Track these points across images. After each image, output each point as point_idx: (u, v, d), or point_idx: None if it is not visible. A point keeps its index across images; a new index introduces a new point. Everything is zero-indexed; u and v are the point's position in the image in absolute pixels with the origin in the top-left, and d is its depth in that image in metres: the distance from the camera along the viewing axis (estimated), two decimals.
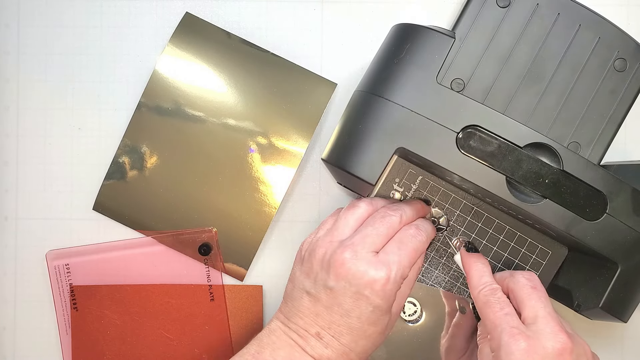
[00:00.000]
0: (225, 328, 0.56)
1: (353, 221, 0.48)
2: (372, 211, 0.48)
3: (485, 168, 0.47)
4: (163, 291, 0.56)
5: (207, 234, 0.56)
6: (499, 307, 0.45)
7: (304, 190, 0.57)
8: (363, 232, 0.46)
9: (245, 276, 0.57)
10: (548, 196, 0.47)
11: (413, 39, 0.49)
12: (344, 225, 0.48)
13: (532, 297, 0.45)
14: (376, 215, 0.48)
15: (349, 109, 0.51)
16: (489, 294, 0.46)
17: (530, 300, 0.45)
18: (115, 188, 0.56)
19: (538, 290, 0.45)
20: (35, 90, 0.57)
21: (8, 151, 0.57)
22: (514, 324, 0.43)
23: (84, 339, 0.56)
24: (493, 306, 0.45)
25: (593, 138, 0.49)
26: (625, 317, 0.48)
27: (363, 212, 0.48)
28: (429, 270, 0.51)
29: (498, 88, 0.49)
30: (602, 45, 0.49)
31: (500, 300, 0.45)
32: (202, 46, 0.56)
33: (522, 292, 0.45)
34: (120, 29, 0.57)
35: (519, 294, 0.45)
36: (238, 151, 0.56)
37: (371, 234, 0.46)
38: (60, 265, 0.56)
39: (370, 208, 0.49)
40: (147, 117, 0.56)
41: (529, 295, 0.45)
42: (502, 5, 0.49)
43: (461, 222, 0.51)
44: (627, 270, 0.47)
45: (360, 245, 0.46)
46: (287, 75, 0.56)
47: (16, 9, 0.57)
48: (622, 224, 0.47)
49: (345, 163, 0.48)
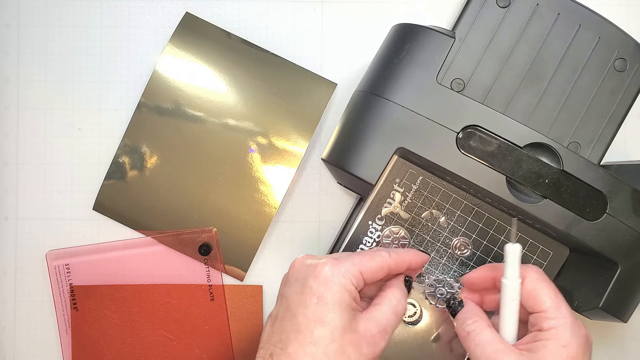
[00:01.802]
0: (225, 328, 0.56)
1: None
2: None
3: (485, 168, 0.47)
4: (163, 291, 0.56)
5: (207, 234, 0.56)
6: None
7: (304, 190, 0.57)
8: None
9: (245, 276, 0.57)
10: (548, 196, 0.47)
11: (413, 39, 0.49)
12: None
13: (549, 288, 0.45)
14: None
15: (349, 109, 0.51)
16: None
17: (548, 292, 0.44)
18: (115, 188, 0.56)
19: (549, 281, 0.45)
20: (35, 90, 0.57)
21: (8, 151, 0.57)
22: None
23: (84, 339, 0.56)
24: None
25: (593, 138, 0.49)
26: (625, 317, 0.48)
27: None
28: (429, 271, 0.51)
29: (498, 88, 0.49)
30: (602, 45, 0.49)
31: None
32: (202, 46, 0.56)
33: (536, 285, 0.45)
34: (120, 29, 0.57)
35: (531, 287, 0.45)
36: (238, 151, 0.56)
37: (341, 254, 0.46)
38: (60, 265, 0.56)
39: None
40: (147, 117, 0.56)
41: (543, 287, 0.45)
42: (502, 5, 0.49)
43: (462, 222, 0.51)
44: (627, 270, 0.47)
45: (323, 257, 0.45)
46: (287, 75, 0.56)
47: (16, 9, 0.57)
48: (622, 224, 0.47)
49: (345, 163, 0.48)
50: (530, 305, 0.44)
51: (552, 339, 0.42)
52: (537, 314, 0.44)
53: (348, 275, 0.43)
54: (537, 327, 0.43)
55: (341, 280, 0.43)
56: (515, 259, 0.44)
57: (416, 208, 0.50)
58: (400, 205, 0.50)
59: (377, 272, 0.44)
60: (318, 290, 0.42)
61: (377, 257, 0.45)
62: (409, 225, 0.51)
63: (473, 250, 0.51)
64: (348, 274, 0.43)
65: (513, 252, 0.44)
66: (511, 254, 0.44)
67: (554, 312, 0.43)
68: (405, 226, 0.51)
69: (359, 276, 0.43)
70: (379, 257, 0.45)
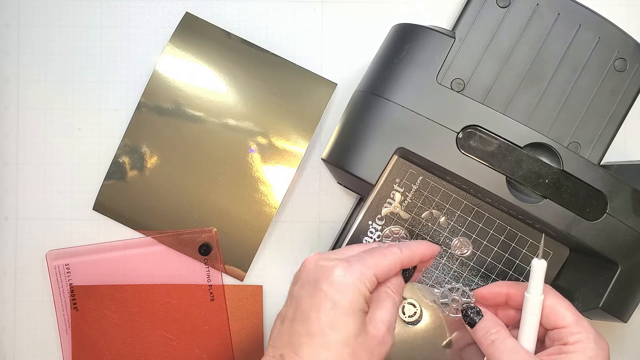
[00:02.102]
0: (225, 328, 0.56)
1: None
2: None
3: (485, 168, 0.47)
4: (163, 291, 0.56)
5: (207, 234, 0.56)
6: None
7: (304, 190, 0.57)
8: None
9: (245, 276, 0.57)
10: (548, 196, 0.47)
11: (413, 39, 0.49)
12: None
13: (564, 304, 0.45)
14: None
15: (349, 109, 0.51)
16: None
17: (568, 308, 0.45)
18: (115, 188, 0.56)
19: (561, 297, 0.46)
20: (35, 90, 0.57)
21: (8, 151, 0.57)
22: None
23: (84, 339, 0.56)
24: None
25: (593, 138, 0.49)
26: (625, 317, 0.48)
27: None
28: (429, 271, 0.51)
29: (498, 88, 0.49)
30: (602, 45, 0.49)
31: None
32: (202, 46, 0.56)
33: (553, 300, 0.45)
34: (120, 29, 0.57)
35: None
36: (238, 151, 0.56)
37: (352, 248, 0.46)
38: (60, 265, 0.56)
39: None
40: (147, 117, 0.56)
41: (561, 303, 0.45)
42: (502, 5, 0.49)
43: (462, 222, 0.51)
44: (627, 270, 0.47)
45: (331, 253, 0.45)
46: (287, 75, 0.56)
47: (16, 9, 0.57)
48: (622, 224, 0.47)
49: (345, 163, 0.48)
50: (553, 320, 0.45)
51: (578, 352, 0.43)
52: (559, 330, 0.45)
53: (362, 279, 0.43)
54: (561, 342, 0.44)
55: (356, 285, 0.42)
56: (540, 275, 0.45)
57: (416, 208, 0.50)
58: (400, 205, 0.50)
59: (390, 271, 0.44)
60: (332, 295, 0.42)
61: (390, 255, 0.44)
62: (409, 225, 0.51)
63: (473, 250, 0.51)
64: (363, 278, 0.43)
65: (539, 268, 0.45)
66: (537, 270, 0.45)
67: (577, 327, 0.44)
68: (405, 226, 0.51)
69: (372, 279, 0.43)
70: (391, 255, 0.45)
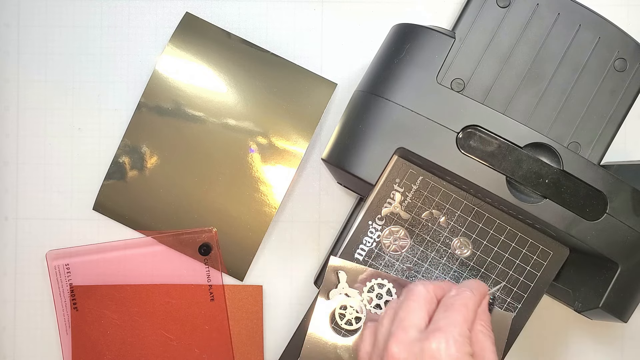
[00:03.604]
0: (225, 328, 0.56)
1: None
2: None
3: (485, 168, 0.47)
4: (163, 291, 0.56)
5: (207, 234, 0.56)
6: None
7: (304, 190, 0.57)
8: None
9: (245, 276, 0.57)
10: (548, 196, 0.47)
11: (413, 39, 0.49)
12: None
13: None
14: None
15: (349, 109, 0.51)
16: None
17: None
18: (115, 188, 0.56)
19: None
20: (35, 90, 0.57)
21: (8, 151, 0.57)
22: None
23: (84, 339, 0.56)
24: None
25: (593, 138, 0.49)
26: (625, 317, 0.48)
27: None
28: (429, 271, 0.51)
29: (498, 88, 0.49)
30: (602, 45, 0.49)
31: None
32: (202, 46, 0.56)
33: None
34: (120, 29, 0.57)
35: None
36: (238, 151, 0.56)
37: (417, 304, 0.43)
38: (60, 265, 0.56)
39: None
40: (147, 117, 0.56)
41: None
42: (502, 5, 0.49)
43: (462, 222, 0.51)
44: (627, 270, 0.47)
45: (408, 323, 0.42)
46: (287, 75, 0.56)
47: (16, 9, 0.57)
48: (622, 224, 0.47)
49: (345, 163, 0.48)
50: None
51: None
52: None
53: (462, 340, 0.41)
54: None
55: (461, 350, 0.41)
56: None
57: (416, 208, 0.51)
58: (401, 205, 0.50)
59: (474, 316, 0.43)
60: None
61: (469, 302, 0.43)
62: (409, 225, 0.51)
63: (473, 250, 0.51)
64: (461, 339, 0.41)
65: None
66: None
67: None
68: (405, 226, 0.51)
69: (468, 333, 0.42)
70: (470, 301, 0.43)
